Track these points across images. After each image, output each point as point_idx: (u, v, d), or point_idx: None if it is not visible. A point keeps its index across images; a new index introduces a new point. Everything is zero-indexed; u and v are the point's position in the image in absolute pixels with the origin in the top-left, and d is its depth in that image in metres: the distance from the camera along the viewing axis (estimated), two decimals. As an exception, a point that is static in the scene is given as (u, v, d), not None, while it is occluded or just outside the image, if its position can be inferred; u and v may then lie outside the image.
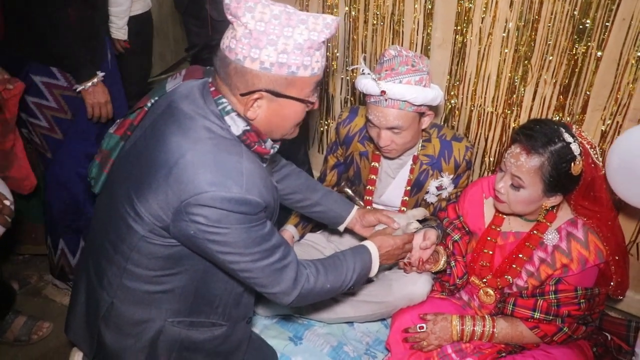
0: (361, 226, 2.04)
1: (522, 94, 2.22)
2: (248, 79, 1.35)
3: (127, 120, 1.65)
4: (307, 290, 1.53)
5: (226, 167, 1.35)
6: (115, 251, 1.49)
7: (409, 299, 2.04)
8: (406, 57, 1.93)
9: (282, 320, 2.24)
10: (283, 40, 1.30)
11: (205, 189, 1.31)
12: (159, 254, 1.45)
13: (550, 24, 2.05)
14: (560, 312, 1.80)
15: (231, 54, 1.34)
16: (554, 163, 1.68)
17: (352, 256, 1.70)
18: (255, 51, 1.31)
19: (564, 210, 1.86)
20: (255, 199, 1.36)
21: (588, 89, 2.07)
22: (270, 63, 1.32)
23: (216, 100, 1.41)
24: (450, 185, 2.16)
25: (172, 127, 1.41)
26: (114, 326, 1.57)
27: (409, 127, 1.99)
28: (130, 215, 1.42)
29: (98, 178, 1.67)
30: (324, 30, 1.34)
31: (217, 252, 1.39)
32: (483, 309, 2.03)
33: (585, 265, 1.77)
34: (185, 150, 1.35)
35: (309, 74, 1.37)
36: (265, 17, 1.30)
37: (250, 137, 1.43)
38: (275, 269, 1.45)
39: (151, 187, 1.36)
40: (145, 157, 1.44)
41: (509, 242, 1.93)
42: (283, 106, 1.41)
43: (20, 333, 2.41)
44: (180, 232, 1.38)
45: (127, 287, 1.51)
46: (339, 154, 2.35)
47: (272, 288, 1.48)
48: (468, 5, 2.18)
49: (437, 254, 2.03)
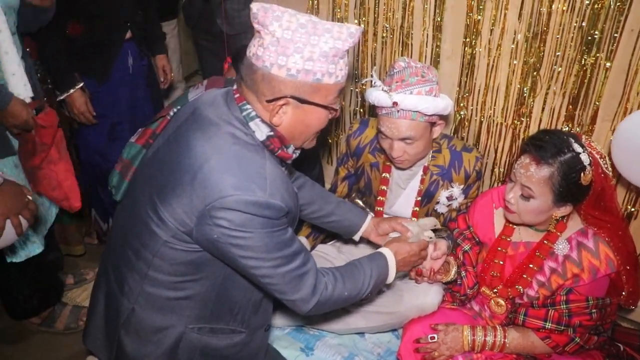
0: (376, 234, 2.05)
1: (532, 105, 2.23)
2: (275, 86, 1.37)
3: (149, 129, 1.68)
4: (326, 297, 1.54)
5: (250, 171, 1.37)
6: (137, 257, 1.51)
7: (420, 310, 2.04)
8: (415, 68, 1.95)
9: (294, 330, 2.24)
10: (309, 48, 1.34)
11: (230, 192, 1.33)
12: (181, 260, 1.47)
13: (559, 35, 2.06)
14: (572, 322, 1.80)
15: (258, 61, 1.37)
16: (563, 173, 1.68)
17: (368, 263, 1.70)
18: (283, 58, 1.33)
19: (574, 220, 1.86)
20: (279, 203, 1.38)
21: (597, 99, 2.08)
22: (297, 70, 1.35)
23: (240, 106, 1.44)
24: (460, 196, 2.16)
25: (197, 133, 1.43)
26: (134, 333, 1.58)
27: (421, 137, 2.00)
28: (153, 220, 1.44)
29: (119, 186, 1.69)
30: (348, 39, 1.37)
31: (239, 256, 1.40)
32: (494, 319, 2.02)
33: (597, 275, 1.77)
34: (210, 156, 1.37)
35: (334, 81, 1.40)
36: (292, 26, 1.33)
37: (274, 143, 1.45)
38: (295, 276, 1.47)
39: (175, 192, 1.39)
40: (169, 163, 1.46)
41: (520, 252, 1.93)
42: (307, 113, 1.43)
43: (69, 321, 2.55)
44: (204, 236, 1.39)
45: (149, 293, 1.52)
46: (349, 165, 2.36)
47: (292, 295, 1.48)
48: (477, 18, 2.20)
49: (448, 264, 2.03)
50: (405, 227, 1.97)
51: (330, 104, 1.45)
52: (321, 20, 1.39)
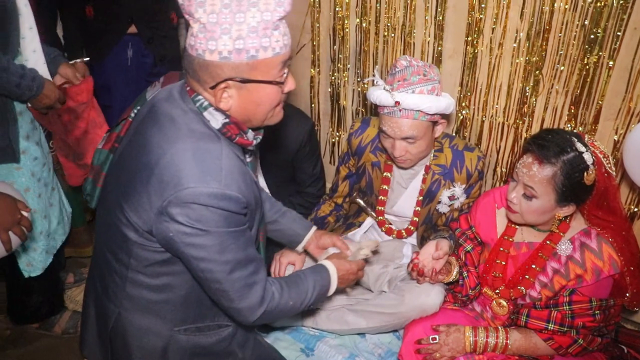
0: (315, 246, 2.04)
1: (534, 104, 2.22)
2: (212, 71, 1.36)
3: (114, 133, 1.69)
4: (272, 307, 1.53)
5: (205, 163, 1.36)
6: (116, 260, 1.51)
7: (422, 310, 2.03)
8: (417, 67, 1.94)
9: (294, 331, 2.23)
10: (236, 27, 1.31)
11: (185, 185, 1.32)
12: (154, 260, 1.46)
13: (561, 34, 2.05)
14: (575, 324, 1.79)
15: (192, 50, 1.36)
16: (566, 173, 1.67)
17: (312, 275, 1.71)
18: (212, 43, 1.32)
19: (577, 220, 1.85)
20: (235, 194, 1.37)
21: (600, 98, 2.06)
22: (228, 51, 1.32)
23: (193, 98, 1.44)
24: (462, 196, 2.15)
25: (153, 129, 1.43)
26: (122, 338, 1.58)
27: (423, 136, 1.99)
28: (122, 222, 1.44)
29: (93, 193, 1.70)
30: (277, 9, 1.33)
31: (192, 257, 1.39)
32: (496, 320, 2.01)
33: (600, 276, 1.76)
34: (166, 150, 1.37)
35: (271, 55, 1.36)
36: (216, 9, 1.31)
37: (231, 130, 1.44)
38: (245, 284, 1.46)
39: (136, 191, 1.39)
40: (130, 163, 1.46)
41: (522, 252, 1.92)
42: (252, 91, 1.40)
43: (67, 326, 2.54)
44: (161, 234, 1.39)
45: (131, 295, 1.52)
46: (350, 164, 2.35)
47: (239, 303, 1.47)
48: (479, 16, 2.18)
49: (450, 264, 2.02)
50: (345, 245, 1.98)
51: (274, 78, 1.40)
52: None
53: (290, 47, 1.43)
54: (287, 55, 1.42)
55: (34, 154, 2.10)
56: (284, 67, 1.42)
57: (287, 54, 1.41)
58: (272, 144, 2.46)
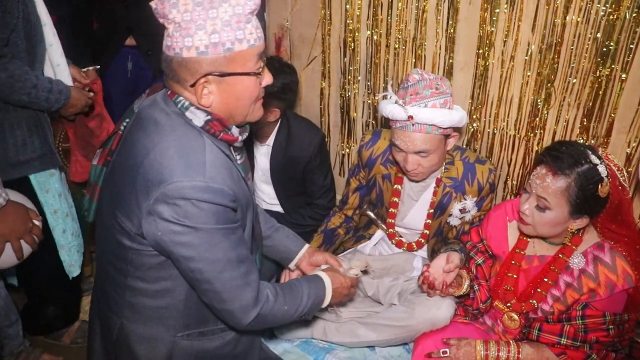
0: (307, 263, 2.02)
1: (545, 117, 2.21)
2: (190, 68, 1.38)
3: (106, 148, 1.71)
4: (267, 310, 1.52)
5: (188, 158, 1.38)
6: (115, 270, 1.52)
7: (432, 323, 2.02)
8: (429, 81, 1.94)
9: (303, 343, 2.21)
10: (210, 22, 1.33)
11: (169, 180, 1.33)
12: (150, 264, 1.47)
13: (573, 46, 2.05)
14: (588, 338, 1.77)
15: (170, 50, 1.38)
16: (580, 184, 1.66)
17: (307, 283, 1.70)
18: (189, 39, 1.34)
19: (590, 233, 1.83)
20: (219, 186, 1.37)
21: (612, 111, 2.06)
22: (205, 46, 1.34)
23: (174, 100, 1.45)
24: (473, 208, 2.14)
25: (139, 133, 1.45)
26: (127, 348, 1.58)
27: (436, 149, 1.99)
28: (116, 229, 1.44)
29: (90, 208, 1.72)
30: (248, 3, 1.36)
31: (182, 257, 1.39)
32: (507, 334, 1.99)
33: (614, 290, 1.74)
34: (149, 150, 1.39)
35: (247, 47, 1.38)
36: (189, 8, 1.33)
37: (215, 126, 1.45)
38: (237, 284, 1.45)
39: (124, 195, 1.40)
40: (119, 171, 1.49)
41: (534, 265, 1.91)
42: (232, 85, 1.42)
43: (75, 336, 2.55)
44: (151, 235, 1.39)
45: (132, 304, 1.53)
46: (361, 176, 2.35)
47: (231, 304, 1.46)
48: (490, 29, 2.19)
49: (461, 277, 2.00)
50: (337, 262, 1.97)
51: (252, 69, 1.42)
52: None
53: (264, 41, 1.46)
54: (262, 47, 1.44)
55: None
56: (259, 60, 1.44)
57: (261, 46, 1.44)
58: (282, 155, 2.47)
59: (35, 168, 2.04)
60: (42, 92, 1.94)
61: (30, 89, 1.89)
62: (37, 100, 1.93)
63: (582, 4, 1.98)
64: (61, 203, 2.18)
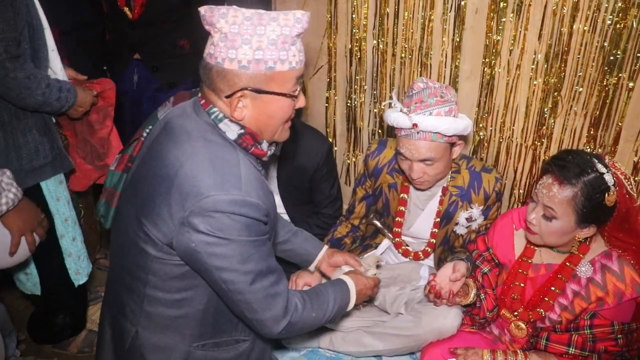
0: (328, 265, 2.02)
1: (552, 126, 2.21)
2: (229, 80, 1.38)
3: (126, 154, 1.70)
4: (296, 318, 1.52)
5: (224, 171, 1.38)
6: (133, 278, 1.51)
7: (439, 333, 2.01)
8: (434, 89, 1.95)
9: (310, 352, 2.21)
10: (257, 38, 1.34)
11: (206, 194, 1.33)
12: (173, 274, 1.46)
13: (580, 55, 2.05)
14: (597, 348, 1.75)
15: (211, 59, 1.38)
16: (587, 194, 1.65)
17: (332, 288, 1.70)
18: (232, 52, 1.35)
19: (597, 242, 1.82)
20: (255, 200, 1.38)
21: (620, 120, 2.05)
22: (248, 61, 1.35)
23: (207, 111, 1.45)
24: (480, 217, 2.14)
25: (169, 144, 1.45)
26: (140, 356, 1.57)
27: (441, 157, 1.99)
28: (141, 238, 1.44)
29: (107, 214, 1.71)
30: (296, 25, 1.37)
31: (214, 268, 1.39)
32: (515, 344, 1.98)
33: (622, 299, 1.73)
34: (183, 161, 1.38)
35: (287, 68, 1.39)
36: (237, 20, 1.34)
37: (247, 140, 1.45)
38: (268, 294, 1.45)
39: (155, 204, 1.40)
40: (147, 179, 1.47)
41: (541, 274, 1.90)
42: (267, 103, 1.43)
43: (82, 345, 2.54)
44: (183, 246, 1.38)
45: (149, 313, 1.52)
46: (367, 185, 2.35)
47: (263, 314, 1.46)
48: (496, 38, 2.19)
49: (467, 286, 2.00)
50: (357, 261, 1.97)
51: (288, 91, 1.43)
52: (268, 12, 1.40)
53: (304, 64, 1.47)
54: (302, 71, 1.46)
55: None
56: (297, 82, 1.46)
57: (301, 70, 1.45)
58: (289, 164, 2.47)
59: (47, 173, 2.05)
60: (54, 91, 1.94)
61: (45, 89, 1.90)
62: (51, 99, 1.93)
63: (588, 13, 1.98)
64: (70, 210, 2.19)
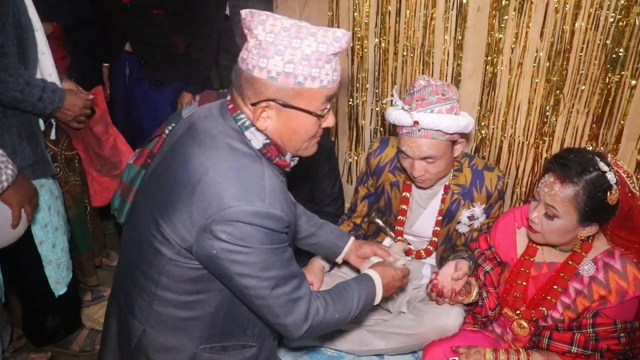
0: (356, 257, 2.02)
1: (554, 124, 2.20)
2: (256, 88, 1.37)
3: (146, 149, 1.68)
4: (318, 322, 1.52)
5: (249, 181, 1.36)
6: (145, 277, 1.50)
7: (441, 331, 2.01)
8: (436, 87, 1.94)
9: (311, 351, 2.21)
10: (290, 50, 1.32)
11: (229, 204, 1.32)
12: (187, 277, 1.46)
13: (582, 53, 2.04)
14: (599, 347, 1.75)
15: (243, 64, 1.37)
16: (589, 192, 1.65)
17: (356, 285, 1.69)
18: (263, 60, 1.33)
19: (600, 240, 1.82)
20: (278, 213, 1.37)
21: (622, 118, 2.05)
22: (277, 72, 1.33)
23: (235, 116, 1.44)
24: (482, 216, 2.13)
25: (193, 147, 1.43)
26: (145, 355, 1.56)
27: (443, 155, 1.98)
28: (157, 238, 1.43)
29: (122, 209, 1.69)
30: (333, 44, 1.34)
31: (236, 274, 1.38)
32: (517, 342, 1.98)
33: (625, 298, 1.72)
34: (208, 168, 1.37)
35: (318, 86, 1.36)
36: (275, 29, 1.33)
37: (271, 151, 1.44)
38: (290, 299, 1.45)
39: (175, 208, 1.38)
40: (168, 180, 1.46)
41: (543, 272, 1.89)
42: (292, 118, 1.40)
43: (84, 344, 2.53)
44: (203, 251, 1.38)
45: (158, 313, 1.51)
46: (369, 184, 2.35)
47: (285, 319, 1.46)
48: (498, 36, 2.18)
49: (469, 285, 2.00)
50: (386, 252, 1.96)
51: (315, 109, 1.40)
52: (309, 25, 1.37)
53: (338, 84, 1.43)
54: (333, 90, 1.42)
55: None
56: (327, 102, 1.43)
57: (333, 89, 1.41)
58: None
59: (26, 176, 1.98)
60: (36, 90, 1.90)
61: (24, 86, 1.86)
62: (31, 98, 1.89)
63: (591, 11, 1.98)
64: (51, 216, 2.14)
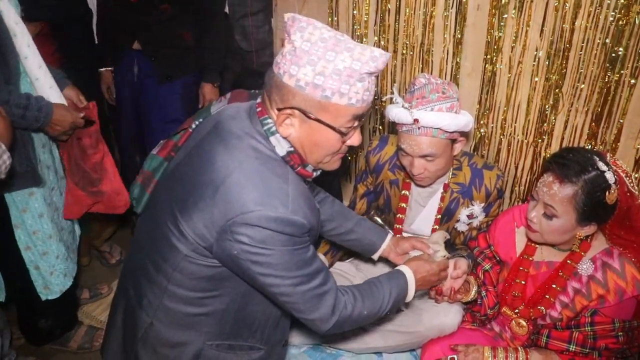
0: (395, 254, 2.01)
1: (553, 123, 2.20)
2: (284, 94, 1.35)
3: (171, 141, 1.68)
4: (345, 317, 1.52)
5: (272, 187, 1.36)
6: (158, 271, 1.49)
7: (440, 330, 2.01)
8: (436, 85, 1.94)
9: (310, 349, 2.22)
10: (323, 62, 1.30)
11: (252, 208, 1.31)
12: (201, 274, 1.45)
13: (582, 52, 2.04)
14: (597, 345, 1.76)
15: (276, 67, 1.36)
16: (587, 192, 1.65)
17: (388, 282, 1.67)
18: (295, 68, 1.31)
19: (598, 239, 1.82)
20: (300, 219, 1.36)
21: (621, 117, 2.05)
22: (306, 82, 1.31)
23: (262, 120, 1.43)
24: (481, 214, 2.13)
25: (219, 146, 1.42)
26: (151, 348, 1.56)
27: (442, 154, 1.98)
28: (174, 234, 1.42)
29: (140, 198, 1.69)
30: (369, 62, 1.31)
31: (258, 274, 1.38)
32: (515, 341, 1.98)
33: (623, 297, 1.73)
34: (232, 169, 1.36)
35: (345, 103, 1.34)
36: (312, 39, 1.31)
37: (294, 159, 1.44)
38: (314, 295, 1.45)
39: (197, 206, 1.37)
40: (190, 177, 1.45)
41: (542, 271, 1.90)
42: (315, 130, 1.39)
43: (82, 341, 2.53)
44: (224, 252, 1.37)
45: (168, 308, 1.51)
46: (368, 182, 2.34)
47: (311, 314, 1.46)
48: (498, 35, 2.18)
49: (468, 283, 2.00)
50: (425, 245, 1.94)
51: (340, 126, 1.38)
52: (349, 39, 1.35)
53: (368, 105, 1.41)
54: (361, 110, 1.39)
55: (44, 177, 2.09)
56: (354, 120, 1.40)
57: (361, 109, 1.38)
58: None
59: (13, 186, 1.96)
60: (17, 109, 1.82)
61: (3, 104, 1.75)
62: (12, 117, 1.75)
63: (590, 10, 1.97)
64: (42, 224, 2.11)
